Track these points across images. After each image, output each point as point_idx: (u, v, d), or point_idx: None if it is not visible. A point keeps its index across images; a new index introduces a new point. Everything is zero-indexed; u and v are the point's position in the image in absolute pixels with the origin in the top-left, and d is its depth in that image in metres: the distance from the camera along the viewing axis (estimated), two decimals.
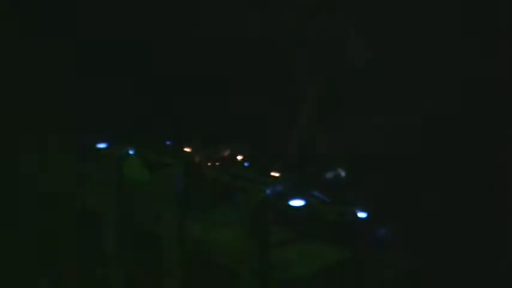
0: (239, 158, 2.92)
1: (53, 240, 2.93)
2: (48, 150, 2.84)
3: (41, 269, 3.03)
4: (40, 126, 2.96)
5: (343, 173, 2.66)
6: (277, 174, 2.71)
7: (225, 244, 2.32)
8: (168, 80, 3.72)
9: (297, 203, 2.48)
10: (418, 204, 2.51)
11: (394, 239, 2.31)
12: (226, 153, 2.94)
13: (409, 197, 2.54)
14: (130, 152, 2.98)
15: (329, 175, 2.67)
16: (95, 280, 2.80)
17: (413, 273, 2.31)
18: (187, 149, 3.02)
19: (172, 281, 2.38)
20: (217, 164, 2.86)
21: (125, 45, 3.73)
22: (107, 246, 2.63)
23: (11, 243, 3.19)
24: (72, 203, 2.82)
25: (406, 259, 2.32)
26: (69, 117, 3.30)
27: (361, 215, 2.36)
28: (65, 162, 2.81)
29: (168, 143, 3.14)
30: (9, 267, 3.22)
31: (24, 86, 3.82)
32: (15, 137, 2.98)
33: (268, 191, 2.55)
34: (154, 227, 2.47)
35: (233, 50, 3.53)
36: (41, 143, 2.90)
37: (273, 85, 3.27)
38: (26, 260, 3.06)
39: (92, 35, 3.76)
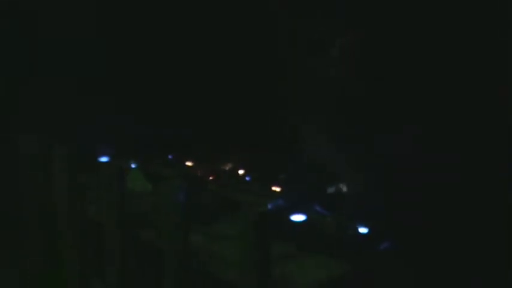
0: (240, 172, 2.94)
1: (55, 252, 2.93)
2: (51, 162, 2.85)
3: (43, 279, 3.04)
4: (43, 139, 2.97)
5: (344, 188, 2.67)
6: (278, 189, 2.72)
7: (225, 257, 2.32)
8: (170, 93, 3.74)
9: (298, 217, 2.49)
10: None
11: (394, 253, 2.32)
12: (228, 167, 2.96)
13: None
14: (133, 165, 2.99)
15: (330, 189, 2.68)
16: None
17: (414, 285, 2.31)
18: (188, 163, 3.04)
19: None
20: (218, 177, 2.88)
21: (125, 59, 3.76)
22: (108, 258, 2.64)
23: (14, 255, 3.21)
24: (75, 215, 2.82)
25: (407, 272, 2.33)
26: (72, 131, 3.32)
27: (362, 229, 2.37)
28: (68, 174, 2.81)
29: (169, 156, 3.16)
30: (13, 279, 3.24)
31: (27, 98, 3.85)
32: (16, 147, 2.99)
33: (269, 205, 2.56)
34: (155, 240, 2.48)
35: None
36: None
37: (272, 99, 3.28)
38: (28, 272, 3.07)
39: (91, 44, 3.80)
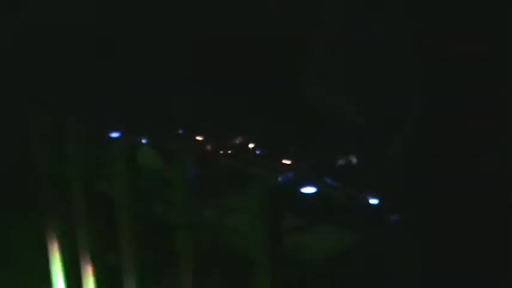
0: (250, 145, 2.94)
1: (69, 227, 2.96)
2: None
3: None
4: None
5: (354, 159, 2.68)
6: (288, 162, 2.73)
7: (237, 230, 2.33)
8: (179, 70, 3.74)
9: (308, 189, 2.49)
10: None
11: (404, 223, 2.33)
12: (238, 141, 2.96)
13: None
14: (143, 140, 3.00)
15: (340, 161, 2.68)
16: (108, 265, 2.84)
17: (423, 255, 2.33)
18: (199, 137, 3.04)
19: (185, 267, 2.40)
20: (229, 151, 2.88)
21: (133, 37, 3.76)
22: (120, 233, 2.66)
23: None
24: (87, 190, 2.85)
25: (416, 243, 2.34)
26: (84, 107, 3.34)
27: (373, 200, 2.38)
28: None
29: (180, 131, 3.17)
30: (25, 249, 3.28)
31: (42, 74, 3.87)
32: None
33: (280, 178, 2.56)
34: (167, 215, 2.50)
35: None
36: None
37: (280, 70, 3.28)
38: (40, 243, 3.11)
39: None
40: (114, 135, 2.99)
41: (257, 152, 2.90)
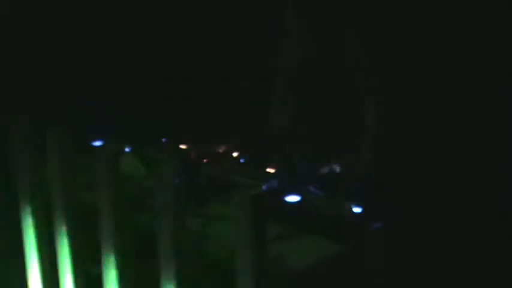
0: (234, 154, 2.94)
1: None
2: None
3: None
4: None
5: (337, 168, 2.68)
6: (272, 170, 2.72)
7: (220, 239, 2.33)
8: (163, 79, 3.73)
9: (292, 198, 2.49)
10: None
11: (387, 232, 2.33)
12: (222, 149, 2.96)
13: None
14: (126, 149, 2.99)
15: (324, 170, 2.69)
16: (89, 275, 2.81)
17: (408, 265, 2.32)
18: (182, 146, 3.04)
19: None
20: (212, 160, 2.88)
21: (119, 43, 3.75)
22: (102, 242, 2.64)
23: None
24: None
25: (402, 251, 2.34)
26: (66, 115, 3.32)
27: (356, 209, 2.38)
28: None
29: (163, 140, 3.16)
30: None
31: (22, 80, 3.84)
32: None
33: (264, 187, 2.56)
34: (150, 223, 2.49)
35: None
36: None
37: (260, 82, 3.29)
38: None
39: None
40: (97, 143, 2.98)
41: (241, 160, 2.90)
